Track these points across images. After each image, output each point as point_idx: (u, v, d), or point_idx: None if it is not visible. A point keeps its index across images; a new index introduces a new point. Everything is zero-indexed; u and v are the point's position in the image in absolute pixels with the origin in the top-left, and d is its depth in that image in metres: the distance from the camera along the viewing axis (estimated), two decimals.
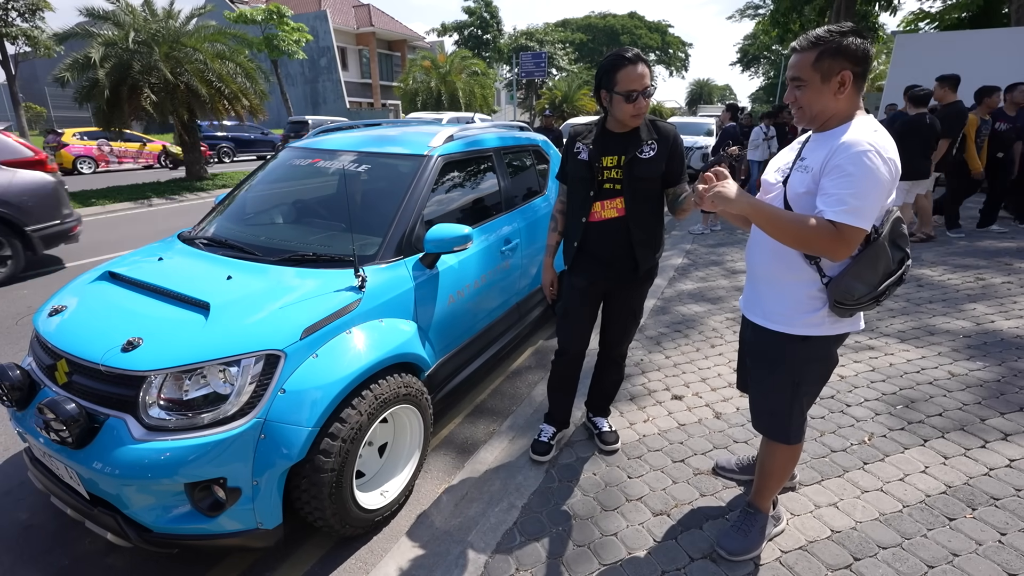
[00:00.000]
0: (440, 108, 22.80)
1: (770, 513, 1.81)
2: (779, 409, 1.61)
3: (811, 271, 1.45)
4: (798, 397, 1.58)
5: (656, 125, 1.98)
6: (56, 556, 1.94)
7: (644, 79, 1.83)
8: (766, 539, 1.78)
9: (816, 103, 1.39)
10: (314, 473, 1.70)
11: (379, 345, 1.93)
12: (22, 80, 17.88)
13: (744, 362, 1.85)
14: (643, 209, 1.98)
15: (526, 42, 38.16)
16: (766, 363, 1.61)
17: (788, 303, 1.50)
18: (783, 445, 1.66)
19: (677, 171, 1.98)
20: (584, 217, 2.01)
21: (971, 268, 4.75)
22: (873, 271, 1.38)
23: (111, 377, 1.63)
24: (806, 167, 1.42)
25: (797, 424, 1.62)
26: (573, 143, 2.04)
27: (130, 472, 1.53)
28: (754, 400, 1.70)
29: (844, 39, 1.32)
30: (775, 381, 1.59)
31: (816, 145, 1.44)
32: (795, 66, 1.39)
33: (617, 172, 1.95)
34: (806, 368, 1.55)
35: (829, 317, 1.46)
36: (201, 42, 10.54)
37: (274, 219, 2.78)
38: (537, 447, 2.32)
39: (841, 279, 1.39)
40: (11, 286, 4.83)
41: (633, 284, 2.11)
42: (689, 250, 5.88)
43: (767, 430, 1.68)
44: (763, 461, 1.75)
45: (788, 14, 18.34)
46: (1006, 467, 2.12)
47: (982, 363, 2.99)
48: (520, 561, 1.77)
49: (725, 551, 1.74)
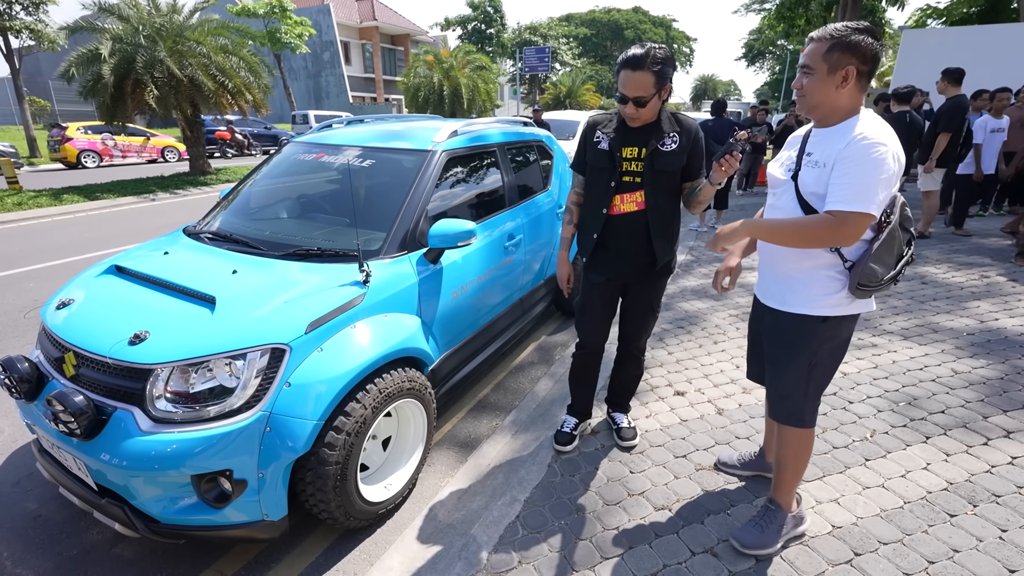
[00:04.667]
0: (443, 103, 22.72)
1: (791, 512, 1.79)
2: (794, 391, 1.64)
3: (830, 256, 1.50)
4: (813, 378, 1.62)
5: (678, 118, 1.97)
6: (64, 546, 1.96)
7: (634, 87, 1.79)
8: (783, 538, 1.76)
9: (817, 93, 1.43)
10: (319, 466, 1.71)
11: (383, 340, 1.94)
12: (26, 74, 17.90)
13: (756, 351, 1.87)
14: (663, 202, 1.98)
15: (530, 36, 38.01)
16: (784, 345, 1.64)
17: (807, 287, 1.54)
18: (796, 430, 1.68)
19: (697, 165, 1.98)
20: (604, 208, 1.99)
21: (975, 266, 4.73)
22: (890, 254, 1.45)
23: (118, 370, 1.65)
24: (816, 162, 1.46)
25: (812, 407, 1.66)
26: (593, 132, 2.02)
27: (137, 464, 1.55)
28: (771, 385, 1.73)
29: (857, 36, 1.35)
30: (793, 364, 1.62)
31: (821, 140, 1.47)
32: (807, 54, 1.44)
33: (638, 164, 1.94)
34: (823, 348, 1.58)
35: (847, 298, 1.51)
36: (204, 36, 10.53)
37: (279, 214, 2.78)
38: (560, 437, 2.34)
39: (864, 263, 1.44)
40: (18, 279, 4.87)
41: (651, 278, 2.11)
42: (692, 246, 5.87)
43: (783, 414, 1.70)
44: (777, 453, 1.77)
45: (794, 9, 18.19)
46: (1008, 464, 2.13)
47: (985, 361, 2.98)
48: (523, 554, 1.78)
49: (738, 542, 1.75)
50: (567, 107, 25.16)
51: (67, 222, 7.62)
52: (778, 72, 42.99)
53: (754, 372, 1.94)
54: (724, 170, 1.69)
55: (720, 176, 1.72)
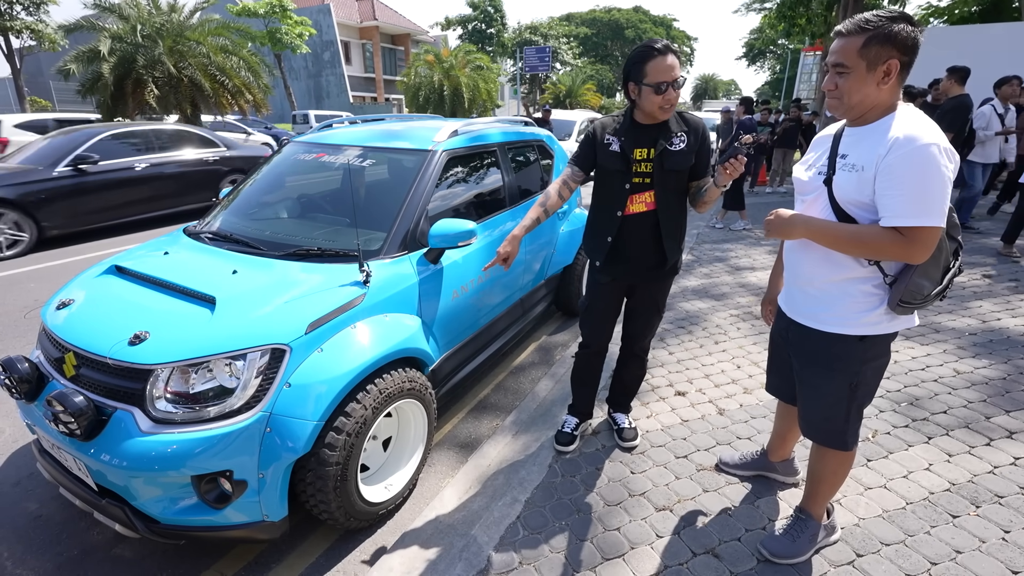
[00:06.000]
0: (443, 103, 22.73)
1: (823, 522, 1.74)
2: (836, 414, 1.53)
3: (868, 270, 1.38)
4: (856, 400, 1.51)
5: (685, 117, 1.97)
6: (65, 546, 1.96)
7: (674, 70, 1.79)
8: (815, 547, 1.72)
9: (858, 92, 1.29)
10: (319, 466, 1.71)
11: (384, 340, 1.93)
12: (27, 74, 17.92)
13: (778, 364, 1.78)
14: (672, 202, 1.97)
15: (530, 36, 37.97)
16: (820, 367, 1.52)
17: (843, 304, 1.42)
18: (838, 451, 1.59)
19: (704, 164, 1.98)
20: (620, 211, 1.97)
21: (978, 266, 4.72)
22: (937, 267, 1.32)
23: (118, 370, 1.65)
24: (852, 166, 1.33)
25: (854, 429, 1.55)
26: (601, 134, 1.99)
27: (138, 464, 1.54)
28: (806, 407, 1.61)
29: (895, 25, 1.22)
30: (832, 385, 1.51)
31: (858, 140, 1.35)
32: (839, 51, 1.29)
33: (647, 165, 1.93)
34: (864, 369, 1.46)
35: (887, 315, 1.39)
36: (205, 36, 10.55)
37: (279, 214, 2.78)
38: (561, 437, 2.33)
39: (908, 278, 1.31)
40: (19, 279, 4.87)
41: (658, 279, 2.10)
42: (693, 246, 5.86)
43: (822, 437, 1.59)
44: (813, 466, 1.68)
45: (795, 8, 18.14)
46: (1011, 465, 2.12)
47: (987, 361, 2.98)
48: (523, 555, 1.78)
49: (768, 552, 1.70)
50: (568, 107, 25.14)
51: None
52: (778, 71, 42.95)
53: (775, 386, 1.84)
54: (729, 173, 1.69)
55: (725, 179, 1.73)
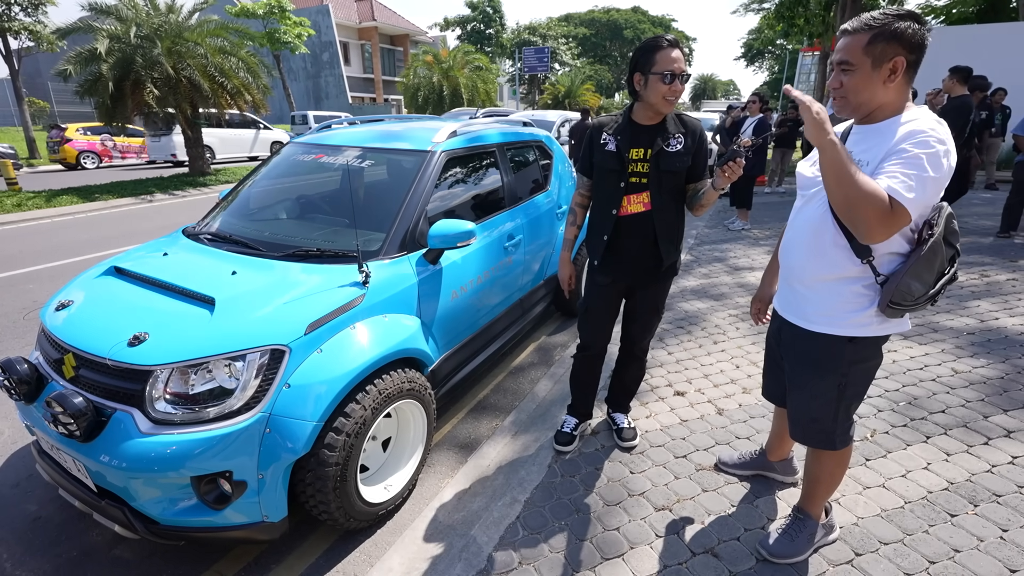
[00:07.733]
0: (442, 103, 22.75)
1: (821, 521, 1.74)
2: (823, 415, 1.54)
3: (859, 268, 1.36)
4: (844, 400, 1.51)
5: (682, 119, 1.98)
6: (64, 547, 1.96)
7: (681, 63, 1.83)
8: (814, 546, 1.73)
9: (863, 91, 1.29)
10: (319, 467, 1.71)
11: (383, 340, 1.93)
12: (25, 75, 17.87)
13: (774, 368, 1.78)
14: (668, 203, 1.98)
15: (529, 37, 38.01)
16: (809, 366, 1.53)
17: (832, 303, 1.42)
18: (829, 452, 1.60)
19: (701, 166, 1.99)
20: (615, 210, 1.99)
21: (976, 265, 4.73)
22: (930, 270, 1.30)
23: (118, 371, 1.64)
24: (858, 162, 1.30)
25: (843, 429, 1.56)
26: (599, 134, 2.01)
27: (137, 465, 1.54)
28: (795, 406, 1.61)
29: (901, 23, 1.22)
30: (820, 385, 1.51)
31: (864, 138, 1.34)
32: (844, 49, 1.28)
33: (643, 165, 1.94)
34: (853, 370, 1.46)
35: (877, 317, 1.39)
36: (203, 37, 10.51)
37: (278, 215, 2.78)
38: (560, 438, 2.34)
39: (900, 279, 1.30)
40: (18, 280, 4.86)
41: (657, 280, 2.11)
42: (692, 247, 5.87)
43: (808, 438, 1.60)
44: (810, 466, 1.69)
45: (793, 8, 18.18)
46: (1009, 464, 2.12)
47: (986, 360, 2.98)
48: (523, 555, 1.78)
49: (767, 551, 1.70)
50: (567, 107, 25.16)
51: (66, 223, 7.61)
52: (777, 72, 43.01)
53: (770, 390, 1.84)
54: (727, 176, 1.70)
55: (724, 182, 1.74)
